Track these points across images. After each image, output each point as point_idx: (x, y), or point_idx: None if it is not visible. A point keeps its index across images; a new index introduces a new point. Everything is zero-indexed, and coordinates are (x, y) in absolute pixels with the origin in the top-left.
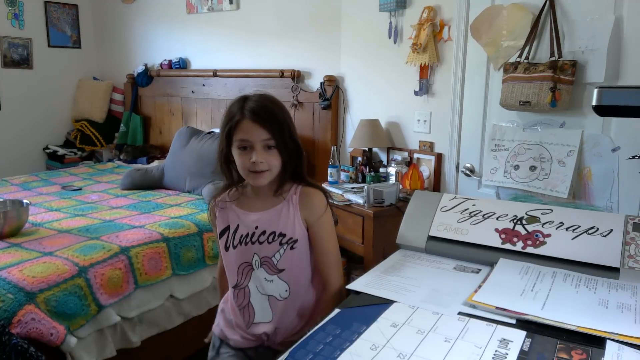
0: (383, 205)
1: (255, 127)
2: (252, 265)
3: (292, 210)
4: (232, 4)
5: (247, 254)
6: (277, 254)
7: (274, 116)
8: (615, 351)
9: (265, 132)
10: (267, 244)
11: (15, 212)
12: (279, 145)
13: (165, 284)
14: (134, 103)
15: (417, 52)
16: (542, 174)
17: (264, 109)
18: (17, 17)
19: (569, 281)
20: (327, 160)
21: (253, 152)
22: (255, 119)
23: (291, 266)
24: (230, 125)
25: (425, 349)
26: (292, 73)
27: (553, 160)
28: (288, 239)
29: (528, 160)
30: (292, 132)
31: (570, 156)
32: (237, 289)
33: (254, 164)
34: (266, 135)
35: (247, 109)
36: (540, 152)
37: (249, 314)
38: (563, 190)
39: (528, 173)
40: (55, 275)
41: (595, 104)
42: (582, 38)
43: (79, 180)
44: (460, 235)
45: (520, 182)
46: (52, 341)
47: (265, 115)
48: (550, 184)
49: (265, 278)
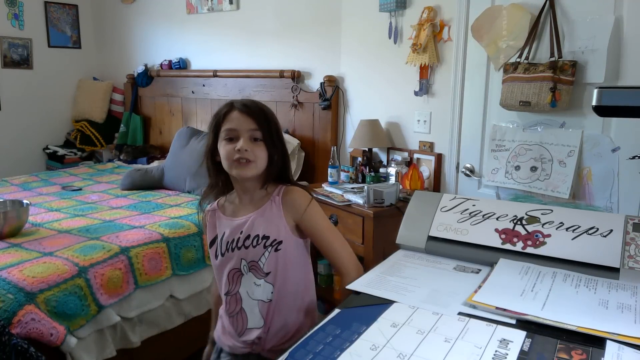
0: (383, 205)
1: (243, 117)
2: (241, 270)
3: (275, 211)
4: (232, 4)
5: (236, 259)
6: (262, 257)
7: (261, 110)
8: (615, 351)
9: (252, 122)
10: (252, 247)
11: (15, 212)
12: (265, 139)
13: (165, 284)
14: (134, 103)
15: (417, 52)
16: (543, 175)
17: (252, 103)
18: (17, 17)
19: (569, 281)
20: (327, 160)
21: (239, 141)
22: (243, 109)
23: (276, 269)
24: (218, 118)
25: (425, 349)
26: (292, 73)
27: (554, 160)
28: (272, 241)
29: (529, 161)
30: (279, 131)
31: (570, 156)
32: (228, 295)
33: (239, 152)
34: (253, 126)
35: (235, 103)
36: (541, 152)
37: (242, 320)
38: (564, 191)
39: (529, 174)
40: (55, 275)
41: (595, 104)
42: (582, 38)
43: (79, 180)
44: (460, 235)
45: (521, 183)
46: (52, 341)
47: (253, 107)
48: (552, 185)
49: (254, 282)
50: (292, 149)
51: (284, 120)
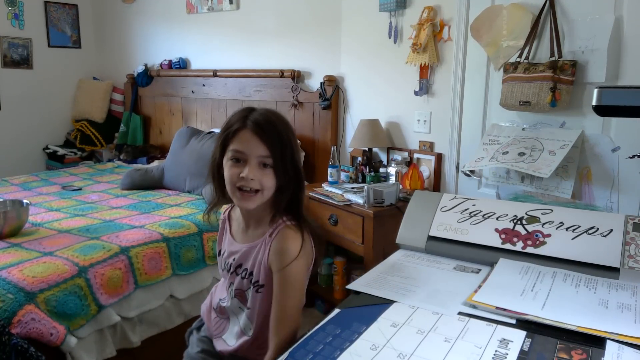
0: (383, 205)
1: (254, 140)
2: (229, 293)
3: (261, 253)
4: (232, 4)
5: (229, 280)
6: (248, 290)
7: (277, 133)
8: (615, 351)
9: (264, 148)
10: (241, 278)
11: (15, 212)
12: (276, 166)
13: (165, 283)
14: (134, 103)
15: (417, 52)
16: (529, 159)
17: (267, 123)
18: (17, 17)
19: (569, 281)
20: (327, 160)
21: (246, 166)
22: (256, 130)
23: (254, 308)
24: (227, 132)
25: (425, 349)
26: (292, 73)
27: (544, 150)
28: (255, 281)
29: (519, 149)
30: (294, 156)
31: (562, 149)
32: (222, 301)
33: (244, 180)
34: (265, 152)
35: (250, 119)
36: (534, 144)
37: (223, 327)
38: (546, 172)
39: (515, 157)
40: (55, 275)
41: (595, 104)
42: (582, 38)
43: (79, 180)
44: (460, 235)
45: (504, 163)
46: (52, 341)
47: (267, 129)
48: (534, 166)
49: (240, 307)
50: None
51: None
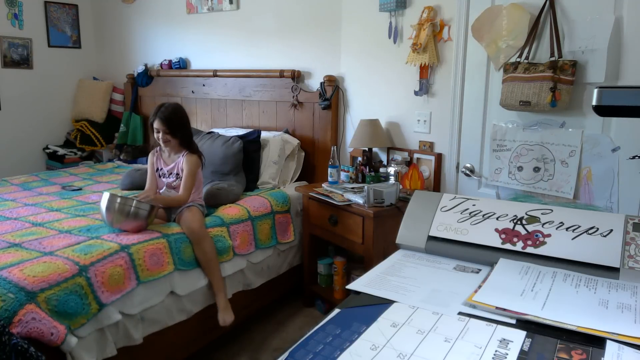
0: (383, 205)
1: (160, 122)
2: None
3: (179, 164)
4: (232, 4)
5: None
6: (175, 181)
7: (169, 118)
8: (615, 351)
9: (163, 125)
10: (169, 176)
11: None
12: (171, 131)
13: (166, 279)
14: (134, 103)
15: (417, 52)
16: (546, 175)
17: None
18: (17, 17)
19: (569, 281)
20: (327, 160)
21: (160, 133)
22: (160, 116)
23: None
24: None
25: (425, 349)
26: (292, 73)
27: (556, 160)
28: (176, 174)
29: (531, 162)
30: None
31: (572, 157)
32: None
33: (160, 140)
34: (164, 127)
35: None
36: (543, 152)
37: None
38: (568, 191)
39: (532, 174)
40: (55, 274)
41: (595, 104)
42: (582, 38)
43: (79, 180)
44: (460, 235)
45: (525, 184)
46: (52, 341)
47: (163, 117)
48: (556, 185)
49: (169, 191)
50: (292, 149)
51: (284, 120)
